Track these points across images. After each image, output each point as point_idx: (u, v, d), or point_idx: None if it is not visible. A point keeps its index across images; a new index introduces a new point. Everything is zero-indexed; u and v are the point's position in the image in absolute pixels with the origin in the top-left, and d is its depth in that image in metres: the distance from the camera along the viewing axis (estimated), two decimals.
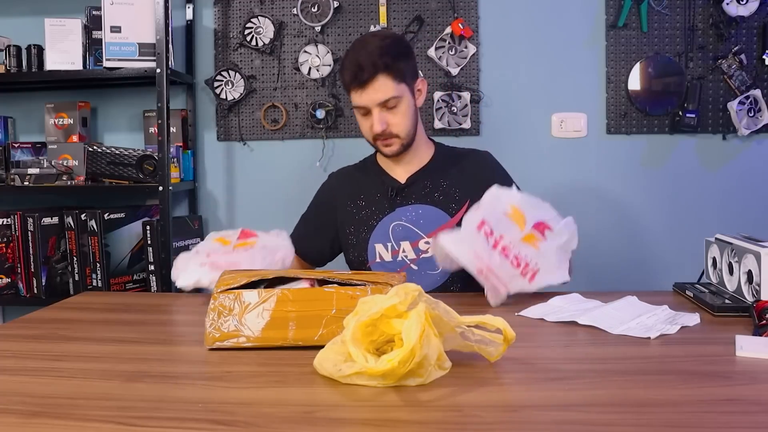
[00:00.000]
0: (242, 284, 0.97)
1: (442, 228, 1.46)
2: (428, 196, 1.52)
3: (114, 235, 2.16)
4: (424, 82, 1.55)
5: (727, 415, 0.69)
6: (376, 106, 1.43)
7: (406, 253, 1.49)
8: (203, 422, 0.69)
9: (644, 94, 2.24)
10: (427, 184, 1.53)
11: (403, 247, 1.50)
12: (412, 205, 1.52)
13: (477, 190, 1.46)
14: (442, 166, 1.56)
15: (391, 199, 1.53)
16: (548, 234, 1.24)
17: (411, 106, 1.49)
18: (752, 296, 1.10)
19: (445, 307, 0.83)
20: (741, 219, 2.21)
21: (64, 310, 1.25)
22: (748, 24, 2.19)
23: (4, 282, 2.20)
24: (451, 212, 1.50)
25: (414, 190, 1.53)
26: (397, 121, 1.46)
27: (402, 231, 1.51)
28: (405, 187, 1.54)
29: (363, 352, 0.78)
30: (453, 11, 2.25)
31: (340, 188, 1.62)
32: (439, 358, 0.81)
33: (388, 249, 1.51)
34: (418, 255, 1.49)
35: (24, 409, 0.73)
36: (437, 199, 1.51)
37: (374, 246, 1.52)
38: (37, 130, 2.40)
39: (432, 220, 1.50)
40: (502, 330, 0.84)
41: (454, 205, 1.50)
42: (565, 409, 0.71)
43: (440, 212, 1.50)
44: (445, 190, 1.52)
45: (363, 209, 1.55)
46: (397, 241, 1.50)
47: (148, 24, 2.10)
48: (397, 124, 1.46)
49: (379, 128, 1.44)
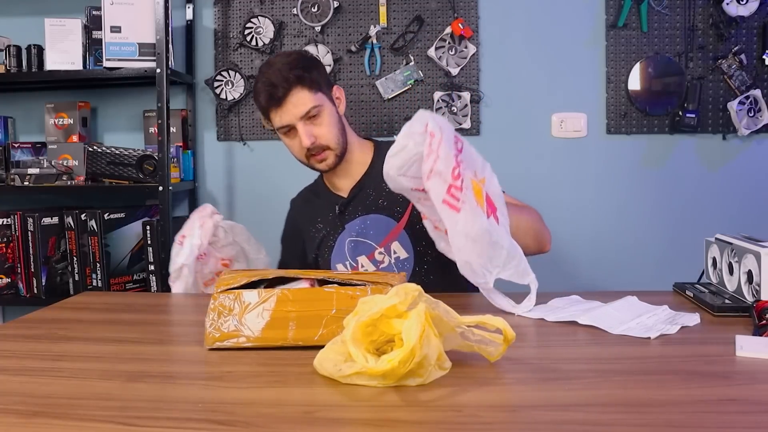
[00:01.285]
0: (242, 284, 0.97)
1: (391, 234, 1.43)
2: (372, 205, 1.48)
3: (114, 235, 2.16)
4: (341, 89, 1.52)
5: (727, 415, 0.69)
6: (299, 121, 1.40)
7: (365, 267, 1.47)
8: (203, 422, 0.69)
9: (644, 94, 2.24)
10: (370, 192, 1.49)
11: (360, 263, 1.48)
12: (359, 217, 1.49)
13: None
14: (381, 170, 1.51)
15: (338, 215, 1.50)
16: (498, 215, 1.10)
17: (334, 114, 1.45)
18: (752, 296, 1.10)
19: (445, 307, 0.83)
20: (741, 219, 2.22)
21: (64, 310, 1.25)
22: (748, 24, 2.19)
23: (4, 282, 2.20)
24: (397, 216, 1.44)
25: (358, 201, 1.50)
26: (324, 132, 1.42)
27: (355, 246, 1.48)
28: (350, 201, 1.50)
29: (363, 352, 0.78)
30: (453, 11, 2.25)
31: (299, 215, 1.62)
32: (439, 358, 0.81)
33: (347, 267, 1.48)
34: (376, 266, 1.46)
35: (24, 409, 0.73)
36: (381, 205, 1.47)
37: (336, 266, 1.50)
38: (37, 130, 2.40)
39: (380, 229, 1.46)
40: (502, 330, 0.84)
41: (399, 208, 1.45)
42: (565, 409, 0.71)
43: (386, 219, 1.46)
44: (388, 195, 1.44)
45: (321, 231, 1.53)
46: (354, 258, 1.48)
47: (148, 24, 2.10)
48: (325, 135, 1.43)
49: (308, 142, 1.40)
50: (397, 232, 1.43)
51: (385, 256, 1.46)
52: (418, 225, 1.40)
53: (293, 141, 1.45)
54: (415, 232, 1.43)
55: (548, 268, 2.27)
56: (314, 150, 1.43)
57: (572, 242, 2.29)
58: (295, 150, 1.47)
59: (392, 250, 1.45)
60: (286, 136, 1.45)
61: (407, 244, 1.45)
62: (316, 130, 1.42)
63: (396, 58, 2.28)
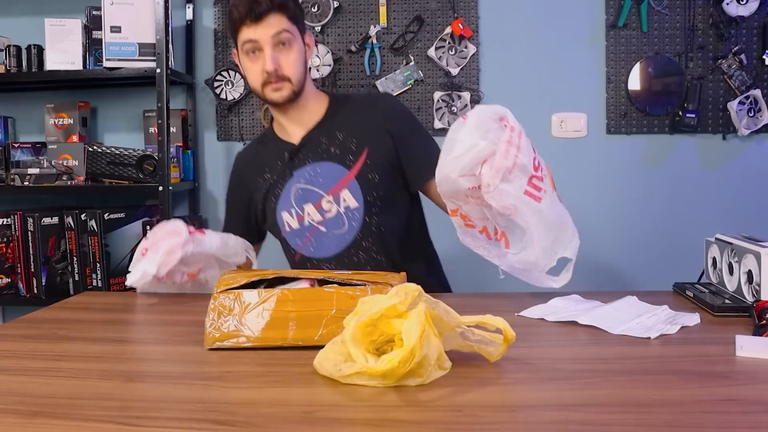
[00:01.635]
0: (242, 284, 0.97)
1: (341, 182, 1.42)
2: (324, 152, 1.45)
3: (114, 235, 2.16)
4: (312, 37, 1.51)
5: (727, 415, 0.69)
6: (268, 44, 1.37)
7: (311, 216, 1.45)
8: (203, 422, 0.69)
9: (644, 94, 2.24)
10: (323, 140, 1.47)
11: (307, 211, 1.45)
12: (310, 164, 1.46)
13: (375, 136, 1.44)
14: (338, 119, 1.49)
15: (288, 162, 1.48)
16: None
17: (303, 52, 1.43)
18: (752, 296, 1.10)
19: (445, 307, 0.83)
20: (741, 219, 2.22)
21: (64, 310, 1.25)
22: (748, 24, 2.19)
23: (4, 282, 2.20)
24: (349, 165, 1.43)
25: (309, 149, 1.47)
26: (288, 63, 1.40)
27: (303, 194, 1.45)
28: (300, 148, 1.48)
29: (363, 352, 0.78)
30: (453, 11, 2.25)
31: (245, 168, 1.58)
32: (439, 358, 0.81)
33: (293, 215, 1.46)
34: (323, 216, 1.44)
35: (24, 409, 0.73)
36: (333, 153, 1.45)
37: (281, 215, 1.48)
38: (37, 130, 2.40)
39: (330, 177, 1.43)
40: (502, 330, 0.84)
41: (351, 156, 1.43)
42: (565, 409, 0.71)
43: (337, 167, 1.44)
44: (342, 143, 1.45)
45: (269, 180, 1.51)
46: (300, 206, 1.45)
47: (148, 24, 2.10)
48: (289, 66, 1.40)
49: (271, 66, 1.37)
50: (348, 180, 1.42)
51: (333, 205, 1.43)
52: (370, 175, 1.42)
53: (254, 64, 1.41)
54: (366, 182, 1.42)
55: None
56: (273, 78, 1.40)
57: None
58: (254, 74, 1.42)
59: (342, 198, 1.43)
60: (249, 58, 1.41)
61: (357, 194, 1.43)
62: (282, 58, 1.39)
63: (396, 58, 2.28)
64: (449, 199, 1.09)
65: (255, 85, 1.44)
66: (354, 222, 1.43)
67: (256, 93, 1.45)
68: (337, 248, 1.45)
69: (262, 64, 1.39)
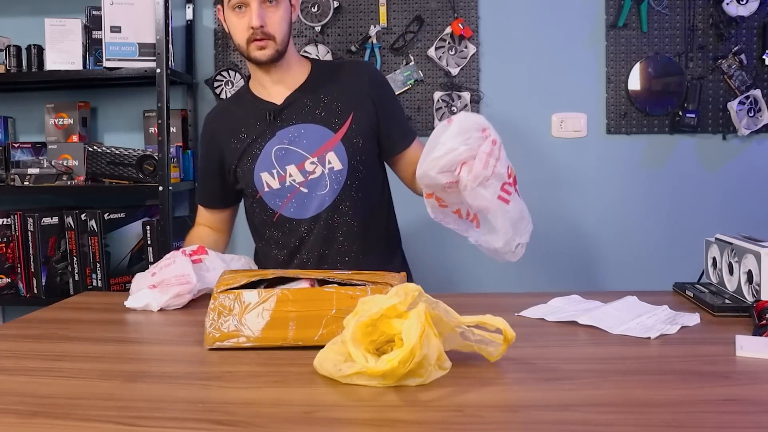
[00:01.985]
0: (242, 284, 0.97)
1: (326, 144, 1.44)
2: (309, 114, 1.46)
3: (114, 235, 2.16)
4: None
5: (727, 415, 0.69)
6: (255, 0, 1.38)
7: (293, 177, 1.45)
8: (203, 422, 0.69)
9: (644, 94, 2.24)
10: (307, 102, 1.47)
11: (289, 171, 1.45)
12: (294, 125, 1.46)
13: (360, 101, 1.47)
14: (322, 82, 1.50)
15: (270, 123, 1.47)
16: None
17: (288, 12, 1.44)
18: (752, 296, 1.10)
19: (445, 307, 0.83)
20: (741, 219, 2.21)
21: (64, 310, 1.25)
22: (748, 24, 2.19)
23: (4, 282, 2.20)
24: (335, 128, 1.45)
25: (293, 110, 1.47)
26: (274, 21, 1.40)
27: (285, 155, 1.45)
28: (283, 108, 1.47)
29: (363, 352, 0.78)
30: (453, 11, 2.25)
31: (218, 127, 1.56)
32: (439, 358, 0.81)
33: (274, 176, 1.46)
34: (305, 177, 1.45)
35: (24, 409, 0.73)
36: (319, 116, 1.46)
37: (260, 175, 1.47)
38: (37, 130, 2.40)
39: (315, 139, 1.45)
40: (502, 330, 0.84)
41: (337, 120, 1.45)
42: (565, 409, 0.71)
43: (323, 129, 1.45)
44: (327, 106, 1.46)
45: (245, 141, 1.49)
46: (282, 166, 1.45)
47: (148, 24, 2.10)
48: (274, 24, 1.40)
49: (257, 22, 1.38)
50: (334, 142, 1.44)
51: (317, 166, 1.44)
52: (355, 139, 1.46)
53: (241, 20, 1.41)
54: (351, 146, 1.45)
55: (548, 268, 2.28)
56: (258, 35, 1.40)
57: (572, 242, 2.29)
58: (239, 30, 1.42)
59: (327, 160, 1.45)
60: (235, 14, 1.41)
61: (343, 156, 1.45)
62: (268, 16, 1.40)
63: (396, 58, 2.28)
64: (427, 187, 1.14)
65: (240, 41, 1.44)
66: (336, 185, 1.46)
67: (240, 50, 1.45)
68: (316, 210, 1.47)
69: (248, 20, 1.39)
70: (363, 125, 1.47)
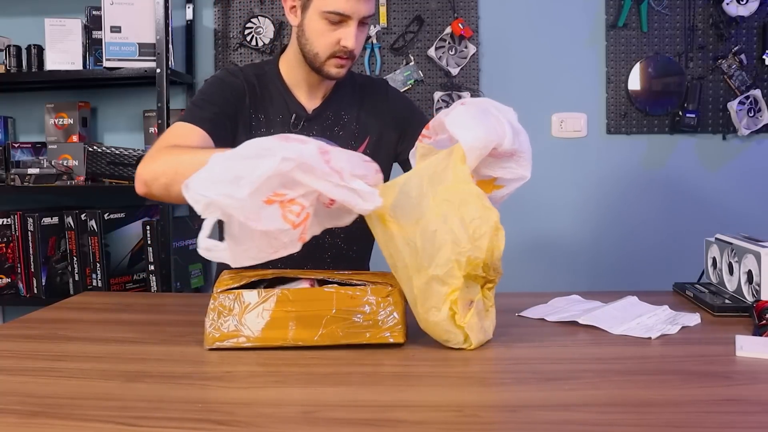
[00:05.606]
0: (242, 284, 0.97)
1: None
2: (328, 129, 1.40)
3: (114, 235, 2.16)
4: None
5: (727, 415, 0.69)
6: (358, 20, 1.30)
7: None
8: (203, 422, 0.69)
9: (644, 94, 2.24)
10: (330, 115, 1.41)
11: None
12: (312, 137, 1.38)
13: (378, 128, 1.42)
14: (346, 96, 1.44)
15: (292, 126, 1.38)
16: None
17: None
18: (752, 296, 1.10)
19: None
20: (741, 219, 2.21)
21: (64, 310, 1.25)
22: (748, 24, 2.19)
23: (4, 282, 2.20)
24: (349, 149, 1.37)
25: (317, 122, 1.40)
26: (360, 43, 1.35)
27: None
28: (310, 119, 1.40)
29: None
30: (453, 11, 2.25)
31: (245, 93, 1.39)
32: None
33: None
34: None
35: (24, 409, 0.73)
36: (337, 134, 1.40)
37: None
38: (37, 130, 2.40)
39: None
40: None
41: (353, 142, 1.40)
42: (565, 409, 0.71)
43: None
44: (346, 125, 1.41)
45: (261, 127, 1.38)
46: None
47: (148, 24, 2.10)
48: (359, 46, 1.35)
49: (353, 44, 1.30)
50: None
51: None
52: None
53: (333, 33, 1.30)
54: None
55: (548, 268, 2.28)
56: (344, 53, 1.32)
57: (572, 242, 2.29)
58: (326, 42, 1.30)
59: None
60: (326, 23, 1.29)
61: None
62: (360, 38, 1.34)
63: (396, 58, 2.28)
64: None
65: (320, 51, 1.32)
66: None
67: (311, 56, 1.33)
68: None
69: (340, 36, 1.30)
70: (377, 151, 1.41)
